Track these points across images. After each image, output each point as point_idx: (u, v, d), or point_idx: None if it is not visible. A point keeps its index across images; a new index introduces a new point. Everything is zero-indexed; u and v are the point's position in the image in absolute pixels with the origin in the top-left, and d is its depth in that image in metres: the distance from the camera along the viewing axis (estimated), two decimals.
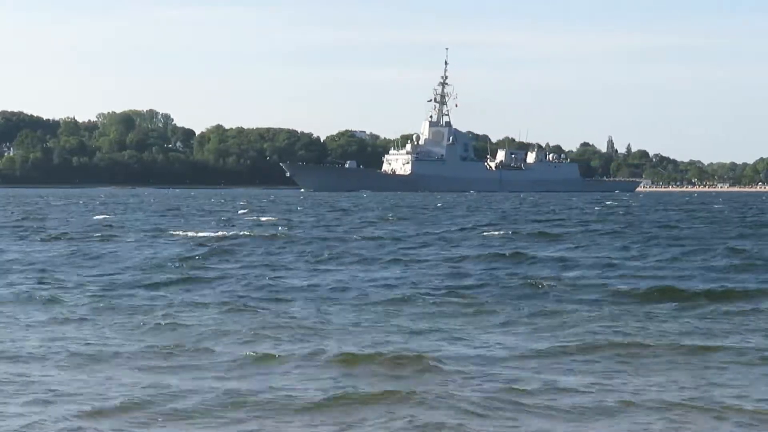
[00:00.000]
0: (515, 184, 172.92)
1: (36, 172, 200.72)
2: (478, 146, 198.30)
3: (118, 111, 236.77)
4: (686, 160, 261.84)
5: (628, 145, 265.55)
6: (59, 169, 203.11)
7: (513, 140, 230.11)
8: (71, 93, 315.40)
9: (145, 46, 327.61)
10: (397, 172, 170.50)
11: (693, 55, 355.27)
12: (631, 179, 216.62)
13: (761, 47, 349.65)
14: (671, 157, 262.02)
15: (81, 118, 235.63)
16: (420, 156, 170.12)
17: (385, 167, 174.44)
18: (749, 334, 14.12)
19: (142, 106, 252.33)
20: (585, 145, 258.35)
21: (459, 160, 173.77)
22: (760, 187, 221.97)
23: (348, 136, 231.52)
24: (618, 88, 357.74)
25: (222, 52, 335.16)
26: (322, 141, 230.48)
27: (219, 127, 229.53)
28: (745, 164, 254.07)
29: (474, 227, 43.23)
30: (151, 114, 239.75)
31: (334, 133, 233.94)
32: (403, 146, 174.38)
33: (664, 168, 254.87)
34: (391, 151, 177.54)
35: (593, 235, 36.92)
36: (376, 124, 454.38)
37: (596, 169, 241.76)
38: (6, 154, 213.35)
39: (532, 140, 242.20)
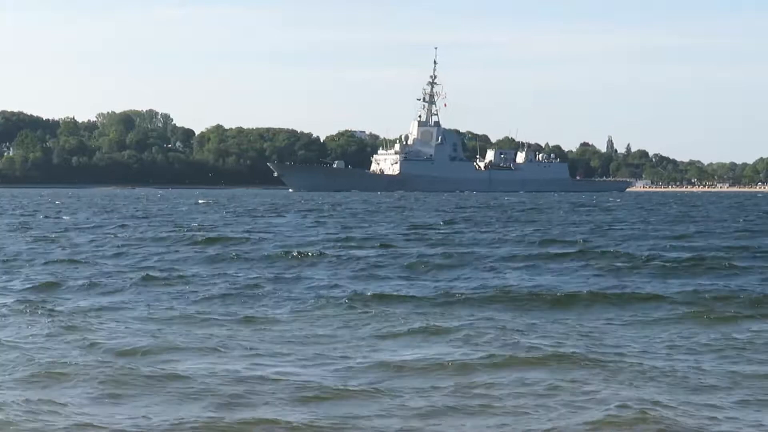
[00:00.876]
0: (504, 183, 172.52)
1: (36, 172, 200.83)
2: (478, 146, 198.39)
3: (117, 111, 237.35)
4: (686, 160, 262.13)
5: (628, 145, 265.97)
6: (59, 169, 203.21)
7: (513, 140, 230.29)
8: (71, 93, 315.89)
9: (145, 46, 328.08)
10: (385, 172, 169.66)
11: (693, 55, 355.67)
12: (621, 179, 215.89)
13: (762, 47, 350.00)
14: (671, 157, 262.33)
15: (81, 118, 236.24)
16: (408, 156, 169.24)
17: (374, 167, 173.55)
18: None
19: (142, 106, 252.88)
20: (585, 145, 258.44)
21: (448, 160, 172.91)
22: (760, 187, 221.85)
23: (348, 136, 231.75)
24: (618, 88, 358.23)
25: (222, 52, 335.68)
26: (322, 141, 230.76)
27: (219, 127, 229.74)
28: (745, 164, 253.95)
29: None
30: (151, 114, 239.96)
31: (334, 133, 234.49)
32: (392, 146, 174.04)
33: (664, 168, 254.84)
34: (380, 151, 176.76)
35: None
36: (377, 124, 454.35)
37: (596, 169, 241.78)
38: (6, 154, 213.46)
39: (532, 140, 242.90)
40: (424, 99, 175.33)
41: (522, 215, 58.81)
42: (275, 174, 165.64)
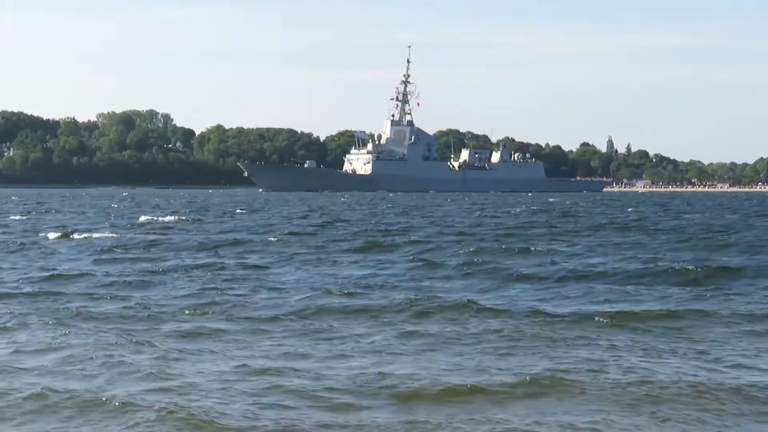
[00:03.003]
0: (479, 183, 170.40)
1: (36, 172, 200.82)
2: (478, 146, 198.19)
3: (118, 111, 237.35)
4: (686, 160, 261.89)
5: (628, 145, 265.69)
6: (59, 169, 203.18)
7: (513, 140, 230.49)
8: (71, 93, 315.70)
9: (145, 46, 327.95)
10: (357, 172, 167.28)
11: (693, 55, 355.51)
12: (597, 179, 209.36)
13: (761, 47, 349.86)
14: (671, 157, 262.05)
15: (81, 118, 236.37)
16: (381, 156, 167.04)
17: (347, 167, 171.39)
18: None
19: (142, 106, 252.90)
20: (585, 145, 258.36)
21: (421, 159, 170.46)
22: (760, 187, 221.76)
23: (348, 136, 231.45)
24: (618, 88, 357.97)
25: (222, 52, 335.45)
26: (322, 141, 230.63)
27: (219, 127, 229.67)
28: (745, 164, 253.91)
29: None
30: (151, 114, 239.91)
31: (334, 133, 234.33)
32: (365, 146, 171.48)
33: (664, 168, 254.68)
34: (353, 150, 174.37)
35: None
36: (377, 124, 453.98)
37: (596, 170, 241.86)
38: (6, 154, 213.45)
39: (532, 140, 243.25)
40: (397, 98, 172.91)
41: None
42: (245, 174, 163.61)
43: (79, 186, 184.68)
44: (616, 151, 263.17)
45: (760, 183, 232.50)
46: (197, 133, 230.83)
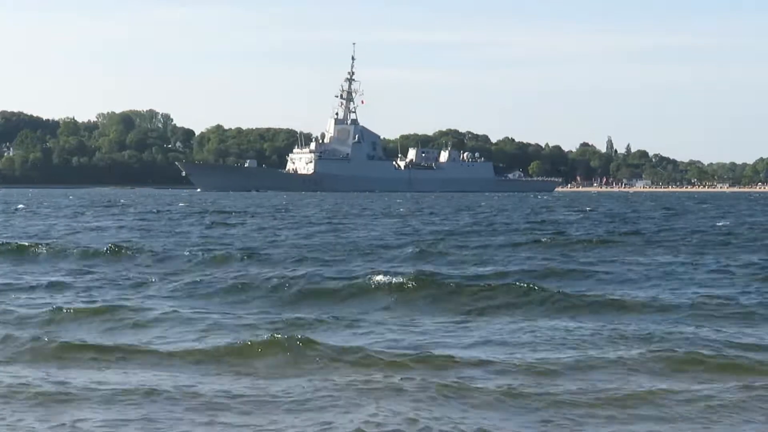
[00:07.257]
0: (425, 183, 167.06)
1: (36, 172, 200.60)
2: (478, 146, 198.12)
3: (117, 111, 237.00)
4: (686, 160, 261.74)
5: (628, 145, 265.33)
6: (59, 169, 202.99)
7: (513, 140, 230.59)
8: (71, 93, 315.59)
9: (145, 46, 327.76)
10: (299, 172, 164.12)
11: (693, 55, 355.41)
12: (549, 179, 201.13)
13: (761, 47, 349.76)
14: (671, 157, 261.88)
15: (81, 118, 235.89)
16: (324, 155, 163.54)
17: (289, 166, 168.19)
18: None
19: (142, 106, 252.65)
20: (585, 145, 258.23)
21: (365, 159, 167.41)
22: (760, 188, 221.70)
23: None
24: (618, 88, 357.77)
25: (222, 52, 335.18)
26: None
27: (219, 127, 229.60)
28: (745, 164, 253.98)
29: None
30: (151, 114, 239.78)
31: None
32: (308, 144, 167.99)
33: (664, 168, 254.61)
34: (295, 150, 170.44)
35: None
36: (377, 124, 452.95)
37: (596, 170, 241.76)
38: (6, 154, 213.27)
39: (532, 140, 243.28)
40: (341, 96, 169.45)
41: None
42: (183, 173, 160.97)
43: (79, 186, 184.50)
44: (616, 151, 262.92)
45: (759, 183, 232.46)
46: (197, 133, 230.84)
